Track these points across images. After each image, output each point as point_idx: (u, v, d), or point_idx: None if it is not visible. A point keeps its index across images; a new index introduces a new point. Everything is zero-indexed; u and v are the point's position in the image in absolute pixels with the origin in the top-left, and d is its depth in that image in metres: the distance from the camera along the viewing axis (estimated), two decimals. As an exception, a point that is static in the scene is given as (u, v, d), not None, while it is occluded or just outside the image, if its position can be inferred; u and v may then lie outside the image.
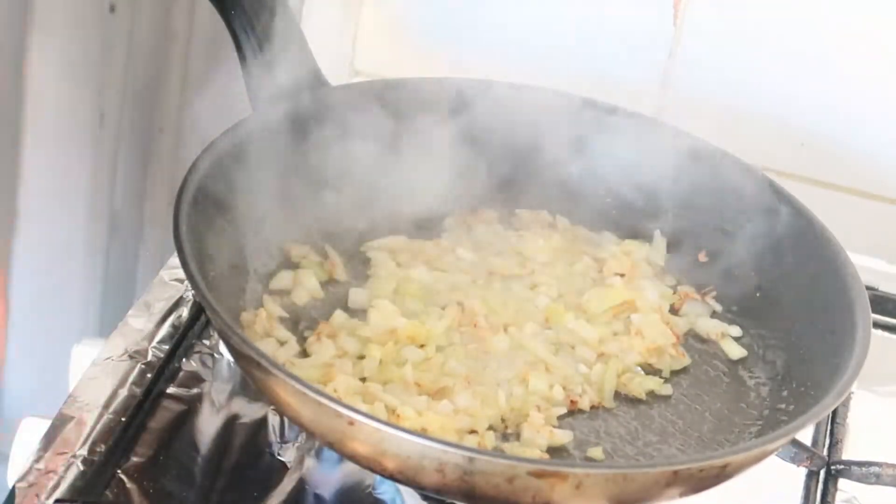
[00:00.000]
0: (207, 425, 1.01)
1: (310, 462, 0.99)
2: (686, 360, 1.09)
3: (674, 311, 1.14)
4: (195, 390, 1.03)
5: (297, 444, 1.00)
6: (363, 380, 1.00)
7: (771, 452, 0.95)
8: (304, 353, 1.03)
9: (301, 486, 0.97)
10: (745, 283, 1.14)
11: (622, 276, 1.15)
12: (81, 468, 0.94)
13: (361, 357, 1.02)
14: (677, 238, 1.19)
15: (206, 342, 1.07)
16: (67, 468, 0.94)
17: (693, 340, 1.12)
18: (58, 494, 0.92)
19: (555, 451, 0.99)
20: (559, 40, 1.36)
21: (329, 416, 0.86)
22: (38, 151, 1.45)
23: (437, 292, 1.10)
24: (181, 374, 1.04)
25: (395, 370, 1.01)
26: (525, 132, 1.21)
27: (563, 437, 0.99)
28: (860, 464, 1.04)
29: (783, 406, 1.03)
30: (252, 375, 0.93)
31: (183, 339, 1.07)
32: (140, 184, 1.57)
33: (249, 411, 1.02)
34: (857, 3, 1.30)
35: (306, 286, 1.09)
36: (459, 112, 1.19)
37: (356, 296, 1.09)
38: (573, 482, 0.85)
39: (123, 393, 1.01)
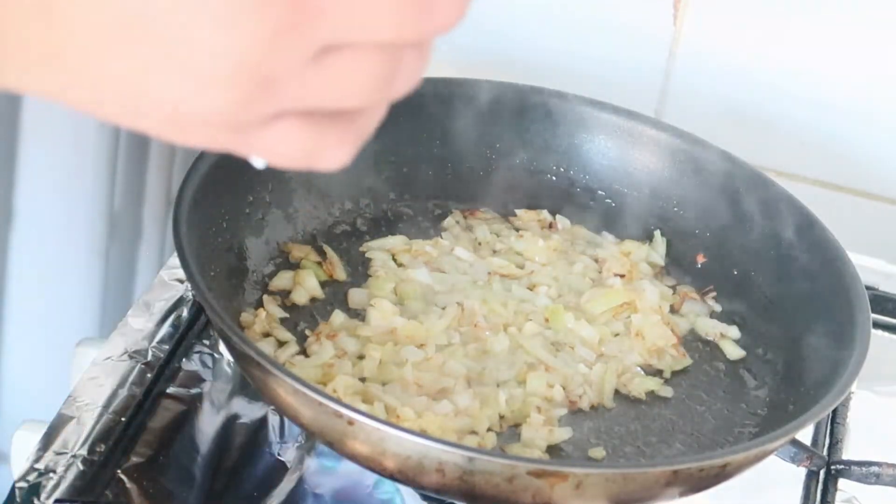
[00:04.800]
0: (207, 425, 1.01)
1: (310, 462, 0.99)
2: (687, 361, 1.09)
3: (673, 310, 1.14)
4: (195, 390, 1.03)
5: (297, 444, 1.00)
6: (363, 380, 1.00)
7: (771, 452, 0.95)
8: (305, 353, 1.03)
9: (301, 486, 0.97)
10: (744, 283, 1.14)
11: (622, 276, 1.15)
12: (81, 468, 0.94)
13: (361, 357, 1.02)
14: (677, 238, 1.19)
15: (206, 342, 1.07)
16: (67, 468, 0.94)
17: (693, 340, 1.12)
18: (58, 494, 0.92)
19: (555, 451, 0.99)
20: (559, 40, 1.36)
21: (329, 416, 0.86)
22: (36, 151, 1.44)
23: (437, 293, 1.10)
24: (181, 374, 1.04)
25: (394, 370, 1.01)
26: (525, 132, 1.21)
27: (563, 433, 0.99)
28: (860, 464, 1.04)
29: (783, 406, 1.03)
30: (252, 375, 0.93)
31: (183, 339, 1.07)
32: (140, 184, 1.57)
33: (249, 411, 1.02)
34: (858, 3, 1.30)
35: (306, 286, 1.09)
36: (459, 112, 1.19)
37: (356, 296, 1.09)
38: (573, 482, 0.85)
39: (123, 393, 1.01)
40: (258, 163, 0.68)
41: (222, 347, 1.05)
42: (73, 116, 1.45)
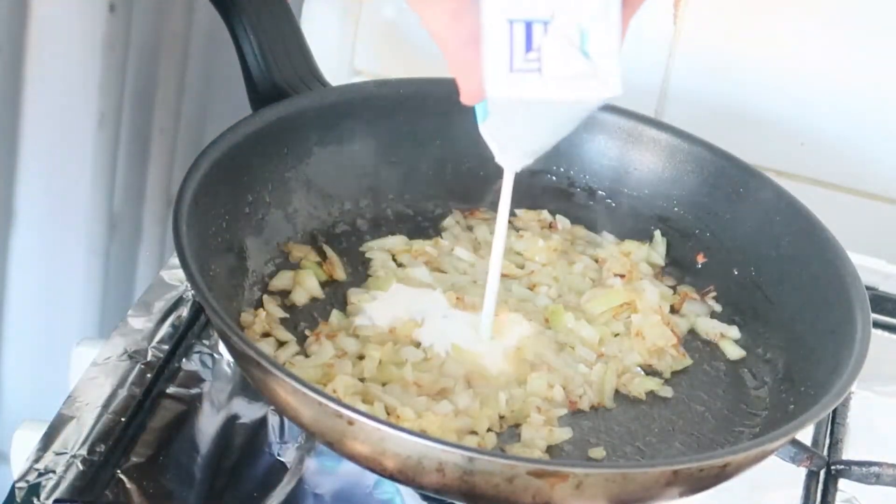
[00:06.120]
0: (207, 425, 1.01)
1: (309, 462, 0.99)
2: (687, 361, 1.09)
3: (673, 310, 1.14)
4: (195, 390, 1.03)
5: (297, 444, 1.00)
6: (362, 380, 1.00)
7: (771, 452, 0.95)
8: (304, 353, 1.03)
9: (300, 487, 0.97)
10: (744, 283, 1.14)
11: (622, 276, 1.14)
12: (81, 468, 0.94)
13: (361, 357, 1.02)
14: (677, 238, 1.19)
15: (206, 342, 1.07)
16: (67, 468, 0.94)
17: (693, 340, 1.12)
18: (58, 494, 0.92)
19: (555, 451, 0.99)
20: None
21: (329, 416, 0.86)
22: (37, 151, 1.44)
23: (437, 292, 1.10)
24: (181, 374, 1.04)
25: (394, 370, 1.01)
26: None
27: (563, 434, 0.99)
28: (860, 464, 1.04)
29: (783, 406, 1.03)
30: (252, 375, 0.93)
31: (183, 339, 1.07)
32: (140, 184, 1.57)
33: (249, 411, 1.02)
34: (858, 3, 1.30)
35: (306, 286, 1.09)
36: (459, 112, 1.18)
37: (355, 296, 1.09)
38: (573, 482, 0.85)
39: (123, 393, 1.01)
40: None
41: (222, 347, 1.05)
42: (74, 117, 1.45)
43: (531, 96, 0.73)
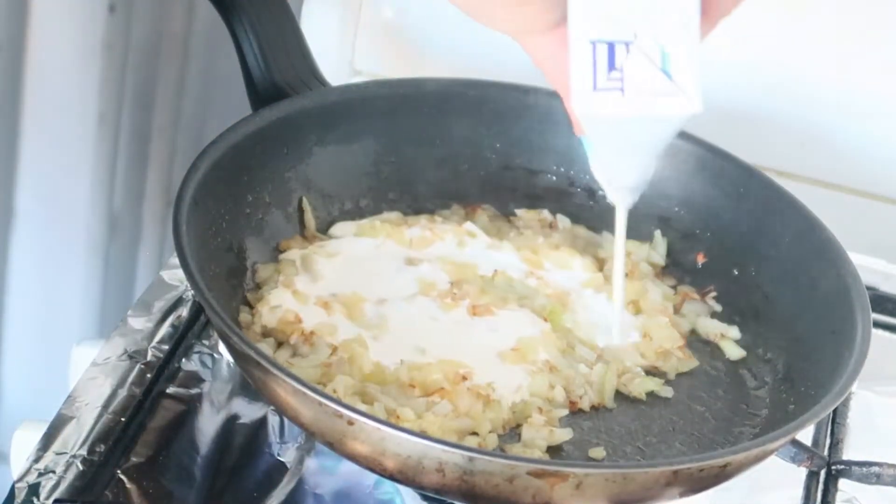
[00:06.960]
0: (207, 425, 1.01)
1: (309, 462, 0.99)
2: (693, 363, 1.09)
3: (674, 311, 1.14)
4: (195, 390, 1.03)
5: (297, 445, 1.00)
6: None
7: (771, 452, 0.95)
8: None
9: (301, 487, 0.97)
10: (744, 283, 1.14)
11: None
12: (81, 468, 0.94)
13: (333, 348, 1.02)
14: (677, 238, 1.19)
15: (206, 342, 1.07)
16: (67, 468, 0.94)
17: (694, 340, 1.12)
18: (57, 494, 0.92)
19: (555, 451, 0.99)
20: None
21: (329, 416, 0.86)
22: (36, 151, 1.45)
23: (437, 292, 1.10)
24: (181, 374, 1.04)
25: (390, 371, 1.00)
26: (525, 132, 1.21)
27: (564, 434, 0.99)
28: (860, 464, 1.04)
29: (783, 406, 1.03)
30: (252, 375, 0.93)
31: (183, 339, 1.07)
32: (140, 184, 1.57)
33: (249, 411, 1.02)
34: (858, 3, 1.30)
35: (306, 286, 1.08)
36: (459, 112, 1.18)
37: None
38: (573, 482, 0.85)
39: (123, 393, 1.01)
40: None
41: (222, 347, 1.05)
42: (74, 117, 1.45)
43: (613, 113, 0.76)
